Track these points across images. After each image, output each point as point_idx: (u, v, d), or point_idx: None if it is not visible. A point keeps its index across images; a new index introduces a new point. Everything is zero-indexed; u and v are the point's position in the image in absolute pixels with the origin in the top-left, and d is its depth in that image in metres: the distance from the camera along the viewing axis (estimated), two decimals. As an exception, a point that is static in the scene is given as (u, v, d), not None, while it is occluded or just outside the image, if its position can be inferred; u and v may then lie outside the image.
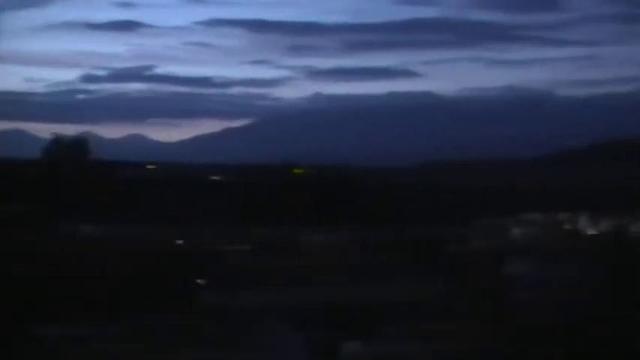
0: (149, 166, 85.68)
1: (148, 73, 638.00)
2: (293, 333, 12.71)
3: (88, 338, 21.18)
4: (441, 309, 12.54)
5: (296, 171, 61.86)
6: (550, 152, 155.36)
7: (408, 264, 21.11)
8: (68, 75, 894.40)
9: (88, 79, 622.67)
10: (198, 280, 27.40)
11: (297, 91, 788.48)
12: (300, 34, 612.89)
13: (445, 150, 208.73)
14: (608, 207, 40.05)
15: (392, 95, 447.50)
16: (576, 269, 17.74)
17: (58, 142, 62.43)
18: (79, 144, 62.46)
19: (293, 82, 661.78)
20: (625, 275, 18.61)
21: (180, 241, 39.48)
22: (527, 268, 12.47)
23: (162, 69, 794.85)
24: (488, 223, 35.68)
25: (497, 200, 54.26)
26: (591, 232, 31.20)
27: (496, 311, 11.04)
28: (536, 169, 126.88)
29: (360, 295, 17.42)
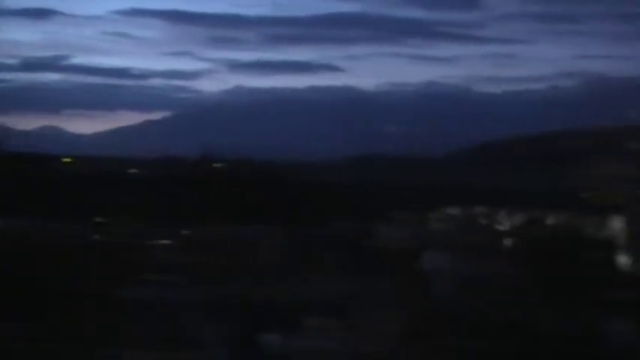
0: (65, 159, 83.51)
1: (63, 62, 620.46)
2: (212, 328, 12.77)
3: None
4: (362, 304, 12.80)
5: (216, 165, 61.50)
6: (468, 147, 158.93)
7: (328, 259, 21.39)
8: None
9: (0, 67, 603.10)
10: (116, 276, 27.03)
11: (218, 84, 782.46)
12: (221, 26, 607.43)
13: (367, 145, 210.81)
14: (524, 202, 41.39)
15: (313, 89, 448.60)
16: (493, 264, 18.35)
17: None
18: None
19: (214, 74, 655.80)
20: (541, 269, 19.35)
21: (96, 237, 38.80)
22: (446, 262, 12.86)
23: (78, 59, 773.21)
24: (409, 218, 36.39)
25: (417, 195, 55.31)
26: (508, 227, 32.22)
27: (414, 306, 11.37)
28: (455, 164, 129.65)
29: (281, 290, 17.60)
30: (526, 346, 6.84)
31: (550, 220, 26.07)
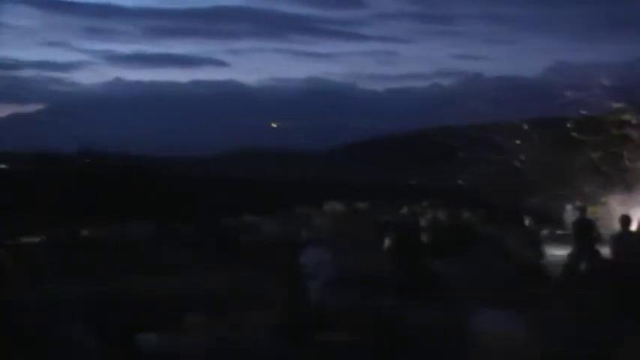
0: None
1: None
2: (85, 327, 12.38)
3: None
4: (240, 299, 12.73)
5: (94, 160, 59.68)
6: (351, 143, 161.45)
7: (208, 255, 21.17)
8: None
9: None
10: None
11: (96, 77, 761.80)
12: (98, 16, 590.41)
13: (250, 140, 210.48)
14: (405, 197, 42.37)
15: (196, 84, 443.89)
16: (372, 259, 18.65)
17: None
18: None
19: (91, 66, 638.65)
20: (420, 263, 19.74)
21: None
22: (326, 257, 12.99)
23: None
24: (292, 213, 36.56)
25: (300, 190, 55.74)
26: (388, 221, 32.81)
27: (292, 300, 11.40)
28: (338, 159, 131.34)
29: (159, 288, 17.27)
30: (389, 339, 7.04)
31: (429, 215, 26.81)
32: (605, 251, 15.50)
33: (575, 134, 26.57)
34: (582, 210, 18.71)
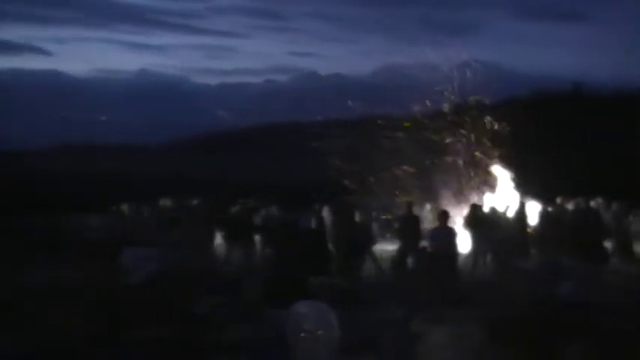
0: None
1: None
2: None
3: None
4: (55, 299, 12.26)
5: None
6: (182, 138, 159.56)
7: (27, 252, 20.23)
8: None
9: None
10: None
11: None
12: None
13: (78, 133, 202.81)
14: (240, 193, 42.41)
15: (15, 73, 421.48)
16: (199, 253, 18.57)
17: None
18: None
19: None
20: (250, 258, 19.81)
21: None
22: (147, 255, 12.77)
23: None
24: (120, 209, 35.60)
25: (130, 186, 54.43)
26: (220, 219, 32.68)
27: (110, 299, 11.14)
28: (170, 155, 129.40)
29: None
30: (199, 335, 7.12)
31: (262, 212, 26.92)
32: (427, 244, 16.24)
33: (401, 134, 27.61)
34: (408, 206, 19.44)
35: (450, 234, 14.83)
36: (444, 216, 15.36)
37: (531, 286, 11.85)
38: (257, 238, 20.74)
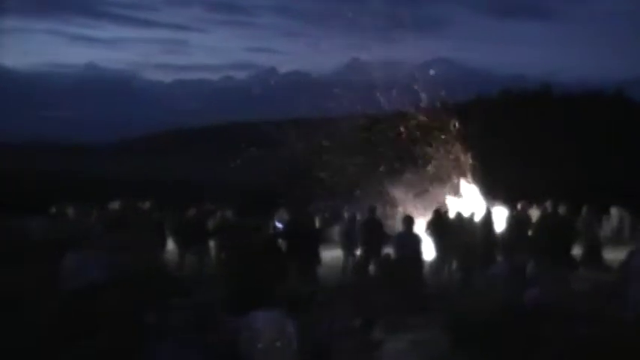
0: None
1: None
2: None
3: None
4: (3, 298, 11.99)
5: None
6: (131, 137, 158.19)
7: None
8: None
9: None
10: None
11: None
12: None
13: (22, 131, 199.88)
14: (190, 195, 42.20)
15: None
16: (146, 256, 18.39)
17: None
18: None
19: None
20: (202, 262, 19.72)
21: None
22: (89, 260, 12.58)
23: None
24: (65, 210, 34.98)
25: (77, 185, 53.73)
26: (176, 221, 32.46)
27: (48, 304, 10.95)
28: (119, 153, 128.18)
29: None
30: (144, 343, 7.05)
31: (217, 215, 26.79)
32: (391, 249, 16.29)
33: (366, 133, 27.67)
34: (371, 210, 19.41)
35: (415, 240, 14.89)
36: (408, 221, 15.41)
37: (496, 293, 11.95)
38: (211, 243, 20.62)
